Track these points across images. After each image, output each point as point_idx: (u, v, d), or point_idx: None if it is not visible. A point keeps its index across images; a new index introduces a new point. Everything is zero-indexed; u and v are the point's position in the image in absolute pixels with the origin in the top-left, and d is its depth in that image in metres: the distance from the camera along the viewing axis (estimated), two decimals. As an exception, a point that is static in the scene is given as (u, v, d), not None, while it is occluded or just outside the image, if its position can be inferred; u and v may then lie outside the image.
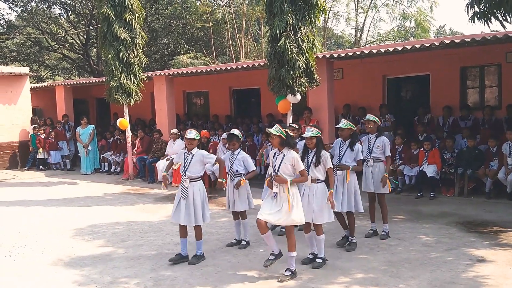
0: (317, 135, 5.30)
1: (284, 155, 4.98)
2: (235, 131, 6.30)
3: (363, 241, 6.25)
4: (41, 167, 14.40)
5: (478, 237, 6.30)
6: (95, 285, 5.08)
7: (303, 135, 5.45)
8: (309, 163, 5.30)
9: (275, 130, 4.98)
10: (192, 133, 5.65)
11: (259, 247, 6.17)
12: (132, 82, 11.53)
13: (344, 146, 5.97)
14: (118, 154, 13.52)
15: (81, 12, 23.82)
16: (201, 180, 5.72)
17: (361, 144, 6.25)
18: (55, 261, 5.89)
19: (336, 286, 4.82)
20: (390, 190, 5.36)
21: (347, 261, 5.55)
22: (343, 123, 5.98)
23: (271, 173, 5.18)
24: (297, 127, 6.92)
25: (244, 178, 6.10)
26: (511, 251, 5.72)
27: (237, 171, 6.13)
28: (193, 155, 5.63)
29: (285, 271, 5.04)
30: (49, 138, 14.34)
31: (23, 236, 7.10)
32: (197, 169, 5.62)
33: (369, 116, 6.47)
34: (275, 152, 5.10)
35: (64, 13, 24.87)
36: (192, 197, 5.56)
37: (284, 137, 4.98)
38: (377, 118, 6.49)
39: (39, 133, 14.38)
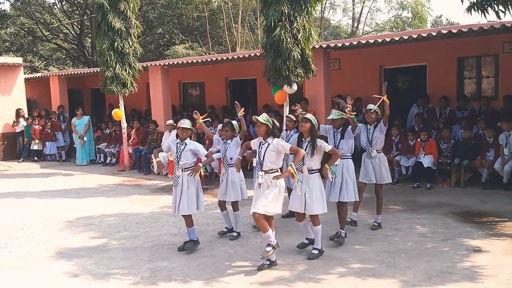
0: (313, 122, 5.28)
1: (269, 143, 5.00)
2: (233, 122, 6.30)
3: (359, 232, 6.25)
4: (36, 158, 14.33)
5: (474, 227, 6.32)
6: (91, 276, 5.06)
7: (300, 118, 5.44)
8: None
9: (263, 118, 5.02)
10: (185, 123, 5.63)
11: (256, 238, 6.16)
12: (127, 72, 11.43)
13: (338, 134, 5.94)
14: (113, 145, 13.46)
15: (75, 2, 23.57)
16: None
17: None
18: (51, 253, 5.87)
19: (333, 276, 4.83)
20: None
21: (344, 251, 5.55)
22: (334, 114, 5.93)
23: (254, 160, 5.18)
24: (294, 119, 6.89)
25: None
26: (507, 241, 5.74)
27: (231, 159, 6.09)
28: (186, 144, 5.61)
29: (266, 246, 4.99)
30: (46, 129, 14.24)
31: (18, 228, 7.06)
32: (188, 159, 5.60)
33: (372, 106, 6.44)
34: (260, 142, 5.09)
35: (58, 2, 24.63)
36: (186, 186, 5.55)
37: (271, 126, 5.03)
38: (379, 109, 6.46)
39: (33, 124, 14.28)
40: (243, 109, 6.31)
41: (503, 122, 8.53)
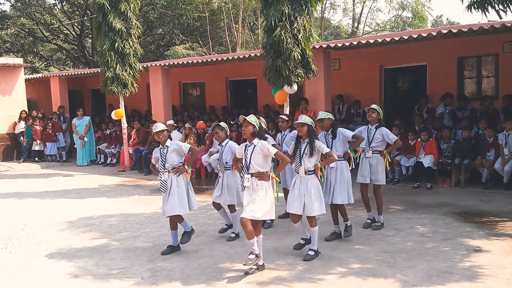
0: (309, 124, 5.23)
1: (255, 145, 4.93)
2: (220, 123, 6.17)
3: (359, 232, 6.25)
4: (36, 159, 14.34)
5: (475, 227, 6.31)
6: (91, 276, 5.06)
7: (296, 122, 5.38)
8: (301, 153, 5.23)
9: (250, 119, 4.96)
10: (158, 126, 5.58)
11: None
12: (128, 73, 11.45)
13: (329, 137, 5.91)
14: (113, 146, 13.47)
15: (76, 2, 23.59)
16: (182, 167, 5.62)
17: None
18: (52, 253, 5.87)
19: (333, 276, 4.82)
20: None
21: (344, 251, 5.55)
22: (321, 115, 5.93)
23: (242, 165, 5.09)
24: (286, 118, 6.89)
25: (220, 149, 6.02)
26: (507, 240, 5.73)
27: (226, 162, 6.03)
28: (167, 147, 5.56)
29: (249, 254, 4.86)
30: (47, 130, 14.26)
31: (19, 228, 7.07)
32: (174, 160, 5.54)
33: (374, 106, 6.44)
34: (246, 144, 5.03)
35: (58, 3, 24.63)
36: (176, 186, 5.51)
37: (257, 128, 4.96)
38: (380, 110, 6.47)
39: (33, 125, 14.30)
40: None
41: (506, 122, 8.50)
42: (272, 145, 6.32)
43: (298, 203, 5.24)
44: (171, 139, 5.68)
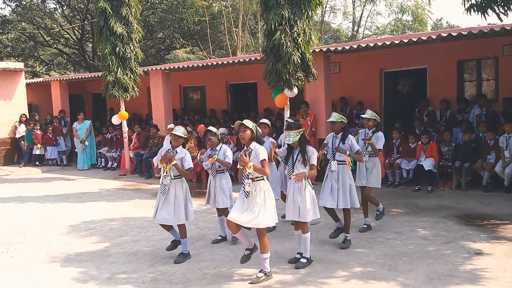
0: (298, 137, 5.10)
1: (251, 150, 4.90)
2: (210, 128, 6.09)
3: (360, 235, 6.25)
4: (37, 163, 14.36)
5: (476, 230, 6.31)
6: (93, 281, 5.06)
7: (286, 143, 5.30)
8: (294, 160, 5.17)
9: (246, 123, 4.93)
10: (180, 130, 5.51)
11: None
12: (129, 77, 11.48)
13: (337, 140, 5.85)
14: (114, 150, 13.49)
15: (76, 7, 23.67)
16: (183, 177, 5.54)
17: (354, 136, 6.23)
18: (53, 257, 5.87)
19: (334, 280, 4.82)
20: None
21: (345, 255, 5.55)
22: (334, 117, 5.84)
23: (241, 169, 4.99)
24: (269, 123, 6.97)
25: (215, 155, 5.89)
26: (508, 244, 5.73)
27: (219, 166, 6.02)
28: (177, 153, 5.49)
29: (259, 272, 4.88)
30: (47, 134, 14.28)
31: (20, 233, 7.07)
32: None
33: (369, 114, 6.42)
34: (244, 150, 4.99)
35: (59, 7, 24.72)
36: (174, 195, 5.42)
37: (255, 132, 4.95)
38: (377, 116, 6.46)
39: (34, 129, 14.33)
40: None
41: (507, 124, 8.51)
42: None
43: (293, 210, 5.18)
44: (184, 147, 5.62)
